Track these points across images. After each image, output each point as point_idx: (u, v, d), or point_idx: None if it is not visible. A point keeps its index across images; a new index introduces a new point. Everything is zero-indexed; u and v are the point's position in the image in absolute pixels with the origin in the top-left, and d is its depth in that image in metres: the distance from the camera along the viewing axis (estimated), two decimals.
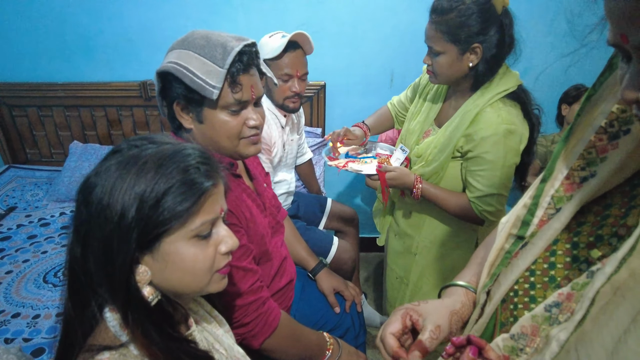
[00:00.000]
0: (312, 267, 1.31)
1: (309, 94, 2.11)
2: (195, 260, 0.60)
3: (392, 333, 0.58)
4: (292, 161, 1.74)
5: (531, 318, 0.51)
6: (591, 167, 0.52)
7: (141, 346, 0.57)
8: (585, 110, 0.52)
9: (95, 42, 2.04)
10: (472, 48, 1.12)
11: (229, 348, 0.76)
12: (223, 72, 0.80)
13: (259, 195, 1.05)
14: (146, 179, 0.56)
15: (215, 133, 0.87)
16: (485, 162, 1.15)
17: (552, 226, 0.53)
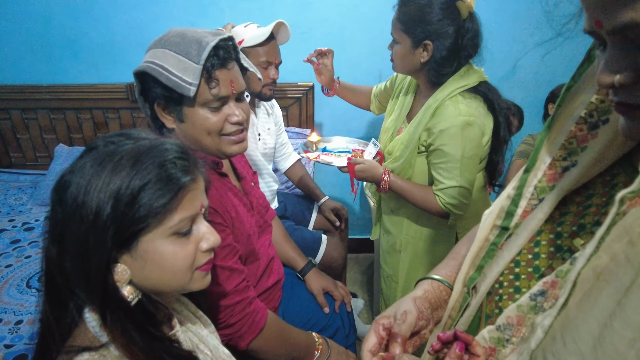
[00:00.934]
0: (301, 267, 1.30)
1: (298, 94, 2.11)
2: (174, 258, 0.58)
3: (369, 350, 0.58)
4: (271, 152, 1.72)
5: (517, 308, 0.51)
6: (572, 157, 0.53)
7: (121, 346, 0.56)
8: (565, 101, 0.53)
9: (80, 43, 2.01)
10: (423, 44, 1.14)
11: (214, 349, 0.75)
12: (199, 68, 0.79)
13: (246, 194, 1.04)
14: (121, 175, 0.54)
15: (196, 131, 0.86)
16: (445, 155, 1.17)
17: (536, 216, 0.54)
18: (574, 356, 0.41)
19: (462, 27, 1.13)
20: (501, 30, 2.02)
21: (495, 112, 1.18)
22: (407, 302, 0.63)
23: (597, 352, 0.39)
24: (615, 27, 0.37)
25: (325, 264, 1.56)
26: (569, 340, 0.42)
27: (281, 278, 1.13)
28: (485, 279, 0.57)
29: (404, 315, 0.60)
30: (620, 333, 0.38)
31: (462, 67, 1.18)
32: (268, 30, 1.45)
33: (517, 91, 2.12)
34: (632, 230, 0.39)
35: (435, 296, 0.66)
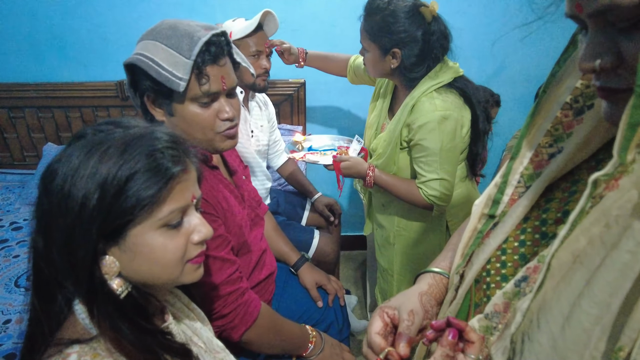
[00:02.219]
0: (294, 261, 1.30)
1: (289, 91, 2.11)
2: (164, 250, 0.57)
3: (376, 333, 0.58)
4: (264, 149, 1.72)
5: (503, 295, 0.51)
6: (558, 144, 0.53)
7: (110, 340, 0.55)
8: (551, 86, 0.53)
9: (68, 41, 1.98)
10: (392, 52, 1.18)
11: (207, 341, 0.74)
12: (189, 63, 0.77)
13: (238, 187, 1.04)
14: (108, 165, 0.53)
15: (187, 126, 0.85)
16: (424, 149, 1.20)
17: (522, 204, 0.54)
18: (545, 336, 0.42)
19: (428, 31, 1.16)
20: (489, 28, 2.04)
21: (472, 105, 1.21)
22: (414, 299, 0.61)
23: (565, 330, 0.40)
24: (595, 10, 0.37)
25: (317, 259, 1.56)
26: (542, 322, 0.43)
27: (274, 271, 1.13)
28: (472, 266, 0.57)
29: (412, 315, 0.59)
30: (587, 311, 0.38)
31: (432, 68, 1.21)
32: (255, 20, 1.46)
33: (506, 87, 2.15)
34: (609, 214, 0.40)
35: (439, 290, 0.66)
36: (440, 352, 0.49)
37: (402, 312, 0.58)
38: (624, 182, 0.39)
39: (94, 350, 0.54)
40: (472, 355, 0.49)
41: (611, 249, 0.38)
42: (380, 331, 0.58)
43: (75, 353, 0.53)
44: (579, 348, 0.38)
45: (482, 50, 2.11)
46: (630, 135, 0.35)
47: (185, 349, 0.64)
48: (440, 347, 0.50)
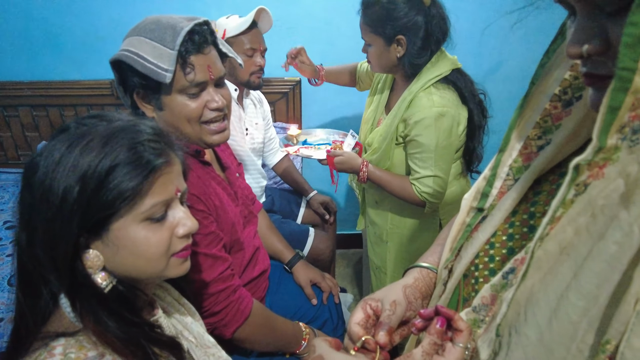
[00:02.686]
0: (288, 259, 1.29)
1: (285, 89, 2.10)
2: (147, 244, 0.57)
3: (356, 323, 0.57)
4: (260, 147, 1.72)
5: (490, 287, 0.51)
6: (547, 136, 0.52)
7: (94, 333, 0.54)
8: (539, 78, 0.52)
9: (63, 39, 1.98)
10: (396, 40, 1.17)
11: (198, 336, 0.74)
12: (174, 53, 0.77)
13: (231, 184, 1.03)
14: (89, 157, 0.53)
15: (175, 119, 0.84)
16: (420, 145, 1.20)
17: (510, 196, 0.53)
18: (533, 329, 0.41)
19: (429, 15, 1.16)
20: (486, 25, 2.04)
21: (466, 100, 1.21)
22: (397, 291, 0.61)
23: (552, 323, 0.39)
24: None
25: (312, 257, 1.55)
26: (529, 315, 0.42)
27: (267, 268, 1.13)
28: (461, 260, 0.57)
29: (393, 305, 0.58)
30: (574, 303, 0.38)
31: (435, 53, 1.20)
32: (250, 17, 1.46)
33: (502, 84, 2.15)
34: (595, 203, 0.39)
35: (425, 284, 0.65)
36: (428, 341, 0.48)
37: (385, 302, 0.58)
38: (610, 171, 0.38)
39: (80, 343, 0.54)
40: (461, 344, 0.48)
41: (598, 239, 0.38)
42: (361, 322, 0.57)
43: (61, 346, 0.53)
44: (566, 341, 0.38)
45: (479, 48, 2.11)
46: (610, 119, 0.35)
47: (174, 342, 0.64)
48: (428, 335, 0.49)
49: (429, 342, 0.49)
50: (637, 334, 0.34)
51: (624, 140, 0.36)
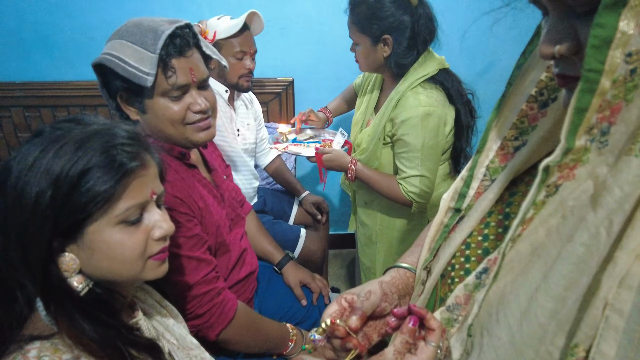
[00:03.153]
0: (277, 260, 1.29)
1: (278, 90, 2.10)
2: (122, 247, 0.57)
3: (329, 314, 0.57)
4: (252, 148, 1.72)
5: (464, 287, 0.51)
6: (524, 137, 0.52)
7: (69, 336, 0.54)
8: (516, 79, 0.52)
9: (54, 39, 1.97)
10: (383, 39, 1.17)
11: (180, 338, 0.74)
12: (155, 57, 0.78)
13: (217, 186, 1.03)
14: (62, 161, 0.53)
15: (159, 121, 0.84)
16: (406, 144, 1.20)
17: (487, 197, 0.53)
18: (504, 330, 0.41)
19: (415, 14, 1.16)
20: (478, 25, 2.04)
21: (453, 100, 1.21)
22: (373, 284, 0.61)
23: (523, 325, 0.39)
24: None
25: (304, 258, 1.55)
26: (501, 316, 0.42)
27: (254, 270, 1.13)
28: (439, 260, 0.57)
29: (368, 294, 0.58)
30: (543, 305, 0.38)
31: (422, 53, 1.20)
32: (241, 21, 1.46)
33: (495, 85, 2.15)
34: (566, 204, 0.40)
35: (402, 283, 0.65)
36: (401, 339, 0.48)
37: (360, 294, 0.58)
38: (580, 173, 0.38)
39: (55, 346, 0.54)
40: (433, 342, 0.48)
41: (567, 241, 0.38)
42: (334, 314, 0.57)
43: (35, 349, 0.53)
44: (535, 343, 0.38)
45: (472, 47, 2.11)
46: (577, 120, 0.35)
47: (152, 344, 0.64)
48: (400, 334, 0.49)
49: (401, 341, 0.49)
50: (607, 339, 0.34)
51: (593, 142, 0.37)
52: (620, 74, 0.32)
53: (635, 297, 0.33)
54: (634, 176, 0.34)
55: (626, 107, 0.34)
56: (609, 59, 0.32)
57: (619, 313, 0.33)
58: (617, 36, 0.31)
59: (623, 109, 0.34)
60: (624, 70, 0.32)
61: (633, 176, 0.34)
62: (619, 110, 0.34)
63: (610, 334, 0.34)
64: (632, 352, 0.32)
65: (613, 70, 0.32)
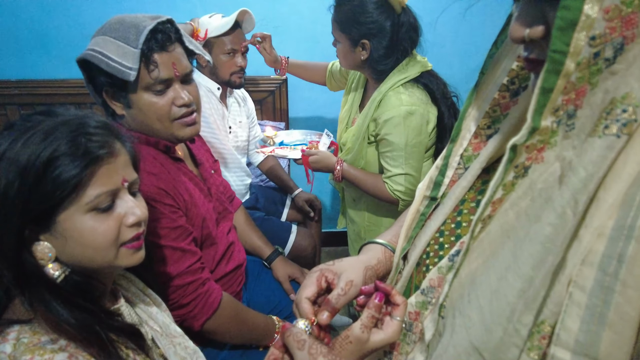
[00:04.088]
0: (267, 255, 1.30)
1: (271, 88, 2.12)
2: (93, 234, 0.57)
3: (307, 297, 0.56)
4: (244, 145, 1.73)
5: (437, 270, 0.52)
6: (496, 125, 0.53)
7: (47, 322, 0.55)
8: (488, 68, 0.53)
9: (50, 38, 1.99)
10: (361, 43, 1.18)
11: (164, 325, 0.75)
12: (137, 52, 0.79)
13: (204, 180, 1.05)
14: (29, 150, 0.54)
15: (145, 117, 0.86)
16: (390, 144, 1.21)
17: (460, 185, 0.54)
18: (475, 310, 0.42)
19: (397, 23, 1.16)
20: (471, 23, 2.05)
21: (437, 101, 1.22)
22: (358, 272, 0.60)
23: (492, 304, 0.40)
24: None
25: (295, 254, 1.56)
26: (472, 297, 0.43)
27: (242, 263, 1.14)
28: (415, 248, 0.58)
29: (348, 285, 0.56)
30: (512, 284, 0.39)
31: (401, 61, 1.21)
32: (232, 19, 1.48)
33: None
34: (535, 187, 0.40)
35: (385, 268, 0.65)
36: (367, 314, 0.50)
37: (342, 280, 0.57)
38: (549, 156, 0.39)
39: (34, 329, 0.55)
40: (398, 317, 0.50)
41: (535, 222, 0.39)
42: (312, 297, 0.56)
43: (15, 332, 0.54)
44: (503, 321, 0.39)
45: (465, 47, 2.12)
46: (543, 100, 0.35)
47: (133, 329, 0.65)
48: (367, 309, 0.50)
49: (367, 316, 0.50)
50: (570, 315, 0.35)
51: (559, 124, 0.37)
52: (584, 56, 0.33)
53: (597, 273, 0.34)
54: (597, 156, 0.35)
55: (591, 90, 0.35)
56: (574, 41, 0.33)
57: (582, 289, 0.35)
58: (582, 19, 0.32)
59: (588, 93, 0.35)
60: (588, 53, 0.33)
61: (596, 156, 0.35)
62: (584, 93, 0.35)
63: (574, 309, 0.35)
64: (594, 325, 0.34)
65: (577, 53, 0.33)
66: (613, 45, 0.33)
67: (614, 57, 0.33)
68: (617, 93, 0.34)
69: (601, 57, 0.33)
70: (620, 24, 0.32)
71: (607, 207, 0.34)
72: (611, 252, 0.33)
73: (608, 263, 0.33)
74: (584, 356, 0.34)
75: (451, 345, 0.44)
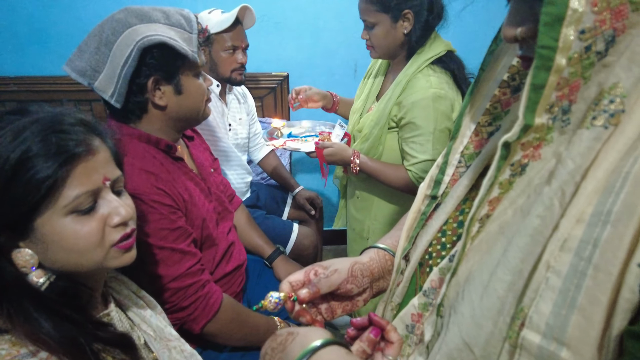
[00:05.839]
0: (268, 254, 1.29)
1: (272, 85, 2.09)
2: (76, 237, 0.54)
3: (289, 281, 0.56)
4: (244, 143, 1.72)
5: (438, 271, 0.51)
6: (497, 122, 0.52)
7: (25, 335, 0.51)
8: (488, 64, 0.52)
9: (48, 33, 1.97)
10: (403, 15, 1.13)
11: (157, 329, 0.72)
12: (194, 37, 0.84)
13: (204, 179, 1.03)
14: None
15: (193, 101, 0.91)
16: (417, 128, 1.15)
17: (462, 183, 0.53)
18: (467, 306, 0.42)
19: None
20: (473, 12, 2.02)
21: (459, 84, 1.19)
22: (345, 262, 0.60)
23: (483, 299, 0.40)
24: None
25: (296, 253, 1.55)
26: (466, 293, 0.43)
27: (242, 263, 1.12)
28: (416, 248, 0.57)
29: (333, 272, 0.57)
30: (501, 278, 0.39)
31: (433, 31, 1.18)
32: (232, 15, 1.46)
33: None
34: (532, 184, 0.40)
35: (379, 266, 0.64)
36: (358, 347, 0.48)
37: (328, 269, 0.58)
38: (546, 152, 0.39)
39: (13, 339, 0.52)
40: (390, 356, 0.48)
41: (526, 216, 0.39)
42: (294, 282, 0.56)
43: None
44: (493, 315, 0.39)
45: None
46: (534, 97, 0.35)
47: (123, 339, 0.62)
48: (359, 342, 0.49)
49: (358, 349, 0.48)
50: (545, 299, 0.35)
51: (555, 121, 0.37)
52: (575, 51, 0.33)
53: (573, 258, 0.34)
54: (584, 148, 0.34)
55: (584, 85, 0.34)
56: (562, 36, 0.32)
57: (558, 274, 0.34)
58: (569, 13, 0.31)
59: (582, 87, 0.35)
60: (579, 47, 0.33)
61: (584, 148, 0.35)
62: (578, 88, 0.35)
63: (548, 293, 0.35)
64: (564, 309, 0.33)
65: (568, 48, 0.32)
66: (604, 37, 0.33)
67: (606, 50, 0.33)
68: (605, 84, 0.34)
69: (592, 50, 0.33)
70: (610, 16, 0.32)
71: (587, 194, 0.34)
72: (588, 237, 0.33)
73: (584, 248, 0.33)
74: (552, 339, 0.34)
75: (444, 343, 0.44)
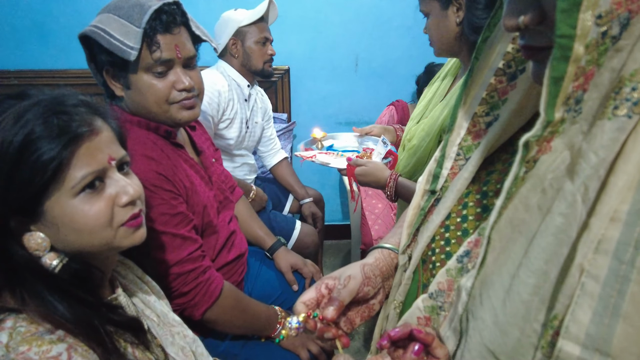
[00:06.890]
0: (269, 245, 1.28)
1: (273, 78, 2.09)
2: (85, 217, 0.54)
3: (302, 301, 0.55)
4: (253, 144, 1.73)
5: (446, 272, 0.50)
6: (494, 111, 0.51)
7: (40, 316, 0.52)
8: (483, 52, 0.51)
9: (49, 27, 1.97)
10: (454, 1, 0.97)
11: (162, 314, 0.73)
12: (140, 31, 0.78)
13: (205, 168, 1.03)
14: (0, 136, 0.49)
15: (143, 98, 0.84)
16: None
17: (462, 176, 0.52)
18: (488, 312, 0.40)
19: None
20: None
21: None
22: (355, 267, 0.59)
23: (506, 304, 0.38)
24: None
25: (297, 250, 1.53)
26: (485, 297, 0.41)
27: (244, 252, 1.12)
28: (417, 244, 0.55)
29: (347, 279, 0.55)
30: (525, 281, 0.37)
31: None
32: (263, 7, 1.50)
33: None
34: (544, 178, 0.38)
35: (386, 264, 0.63)
36: None
37: (341, 278, 0.56)
38: (557, 144, 0.37)
39: (30, 317, 0.53)
40: None
41: (546, 213, 0.37)
42: (308, 301, 0.54)
43: (12, 320, 0.52)
44: (519, 321, 0.37)
45: None
46: (554, 90, 0.33)
47: (134, 322, 0.63)
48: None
49: None
50: (582, 306, 0.33)
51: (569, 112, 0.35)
52: (592, 37, 0.31)
53: (611, 261, 0.31)
54: (607, 140, 0.32)
55: (598, 71, 0.33)
56: (580, 22, 0.30)
57: (595, 279, 0.32)
58: None
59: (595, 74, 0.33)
60: (596, 33, 0.31)
61: (607, 140, 0.32)
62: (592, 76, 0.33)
63: (586, 300, 0.32)
64: (607, 318, 0.31)
65: (585, 35, 0.31)
66: (620, 21, 0.31)
67: (620, 34, 0.31)
68: (625, 71, 0.32)
69: (608, 35, 0.31)
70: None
71: (618, 190, 0.32)
72: (627, 239, 0.31)
73: (624, 250, 0.31)
74: (594, 351, 0.31)
75: (466, 350, 0.42)
